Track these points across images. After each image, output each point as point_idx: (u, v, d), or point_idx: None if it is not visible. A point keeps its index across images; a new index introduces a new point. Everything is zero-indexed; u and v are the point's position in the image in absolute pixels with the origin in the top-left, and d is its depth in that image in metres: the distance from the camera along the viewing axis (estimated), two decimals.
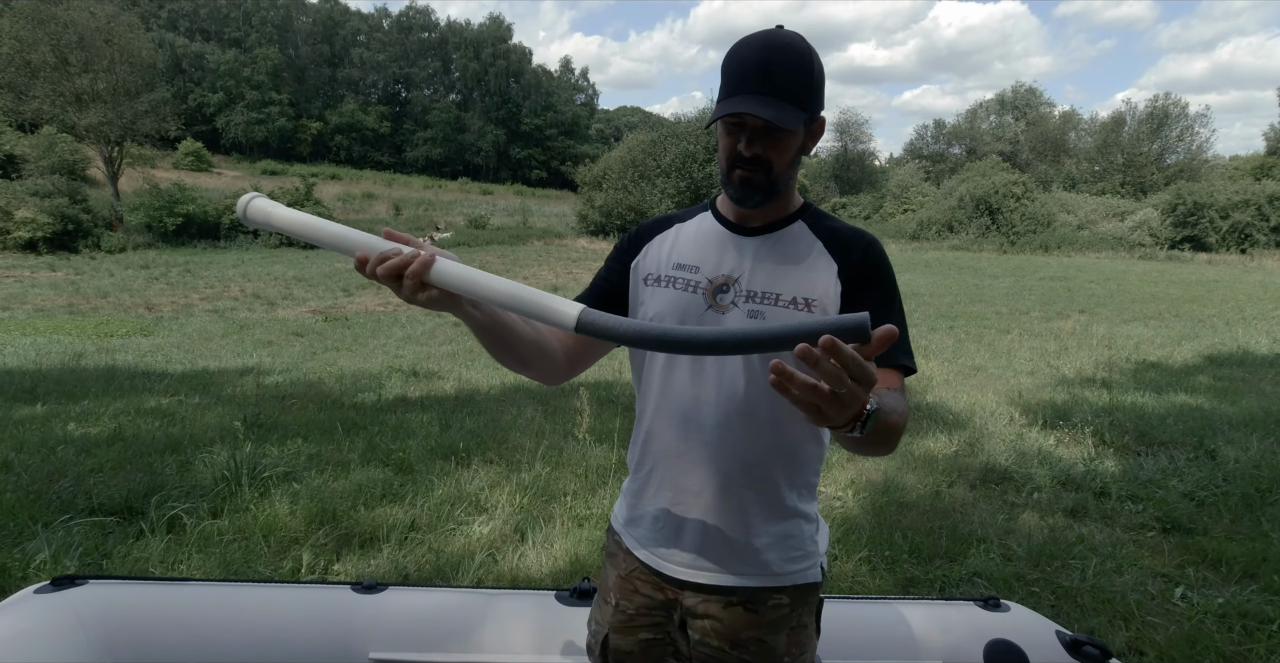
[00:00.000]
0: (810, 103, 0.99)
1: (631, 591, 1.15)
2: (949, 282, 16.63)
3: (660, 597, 1.13)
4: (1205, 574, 2.73)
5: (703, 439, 1.06)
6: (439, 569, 2.55)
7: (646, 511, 1.13)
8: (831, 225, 1.09)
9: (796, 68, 0.97)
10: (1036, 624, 1.78)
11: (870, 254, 1.06)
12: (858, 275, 1.04)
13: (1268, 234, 26.38)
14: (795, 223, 1.09)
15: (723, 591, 1.09)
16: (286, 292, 15.56)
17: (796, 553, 1.10)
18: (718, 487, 1.06)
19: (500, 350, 0.99)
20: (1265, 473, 3.74)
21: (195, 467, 3.46)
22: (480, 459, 3.82)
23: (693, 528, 1.08)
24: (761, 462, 1.06)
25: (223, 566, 2.46)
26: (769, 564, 1.08)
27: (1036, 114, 46.01)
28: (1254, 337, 9.01)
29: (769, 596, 1.09)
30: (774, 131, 0.98)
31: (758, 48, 0.97)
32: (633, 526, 1.16)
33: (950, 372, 6.66)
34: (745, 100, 0.95)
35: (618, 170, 30.54)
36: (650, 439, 1.12)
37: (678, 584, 1.11)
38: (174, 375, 6.36)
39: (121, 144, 29.01)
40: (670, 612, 1.13)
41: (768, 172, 1.01)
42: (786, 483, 1.08)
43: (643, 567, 1.14)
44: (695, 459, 1.07)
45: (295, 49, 56.81)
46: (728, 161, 1.03)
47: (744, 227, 1.09)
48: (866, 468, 3.86)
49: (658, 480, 1.11)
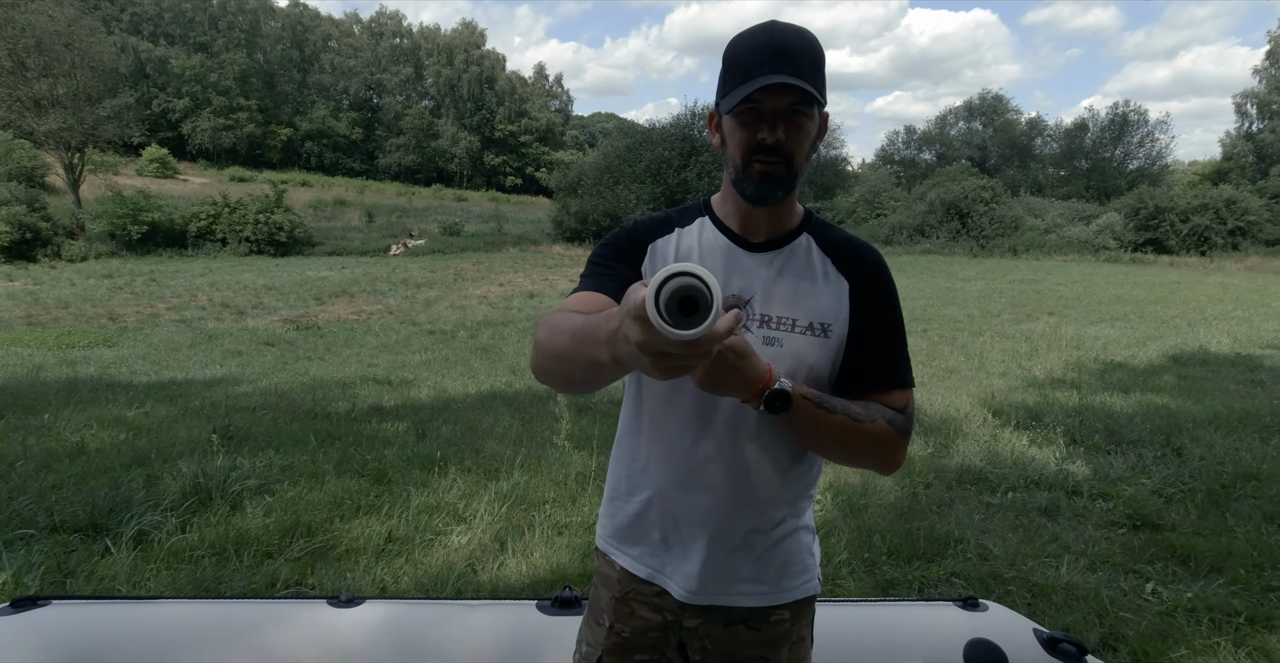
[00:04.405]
0: (823, 90, 0.95)
1: (628, 613, 1.11)
2: (922, 285, 16.88)
3: (659, 619, 1.10)
4: (1174, 570, 2.79)
5: (709, 468, 1.02)
6: (418, 581, 2.51)
7: (648, 535, 1.09)
8: (836, 238, 1.06)
9: (809, 51, 0.93)
10: (1015, 623, 1.80)
11: (878, 273, 1.05)
12: (866, 294, 1.03)
13: (1225, 237, 27.22)
14: (801, 236, 1.05)
15: (725, 611, 1.07)
16: (256, 300, 15.28)
17: (797, 568, 1.09)
18: (724, 513, 1.03)
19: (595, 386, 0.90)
20: (1229, 469, 3.84)
21: (163, 480, 3.37)
22: (458, 468, 3.77)
23: (696, 555, 1.05)
24: (767, 486, 1.04)
25: (194, 582, 2.39)
26: (773, 583, 1.07)
27: (1004, 120, 47.03)
28: (1214, 336, 9.27)
29: (771, 613, 1.08)
30: (797, 115, 0.93)
31: (766, 33, 0.93)
32: (629, 545, 1.11)
33: (925, 374, 6.75)
34: (772, 77, 0.90)
35: (593, 176, 30.54)
36: (649, 468, 1.07)
37: (679, 606, 1.08)
38: (139, 387, 6.20)
39: (83, 150, 28.27)
40: (668, 634, 1.10)
41: (789, 162, 0.95)
42: (789, 502, 1.07)
43: (640, 587, 1.10)
44: (701, 488, 1.03)
45: (264, 54, 55.94)
46: (745, 155, 0.95)
47: (749, 241, 1.04)
48: (845, 472, 3.88)
49: (659, 509, 1.07)
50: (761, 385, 0.89)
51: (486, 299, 15.56)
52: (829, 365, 1.02)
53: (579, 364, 0.81)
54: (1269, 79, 41.58)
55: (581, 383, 0.89)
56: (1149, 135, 41.63)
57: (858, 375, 1.02)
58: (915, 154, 48.44)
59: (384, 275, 19.53)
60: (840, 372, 1.03)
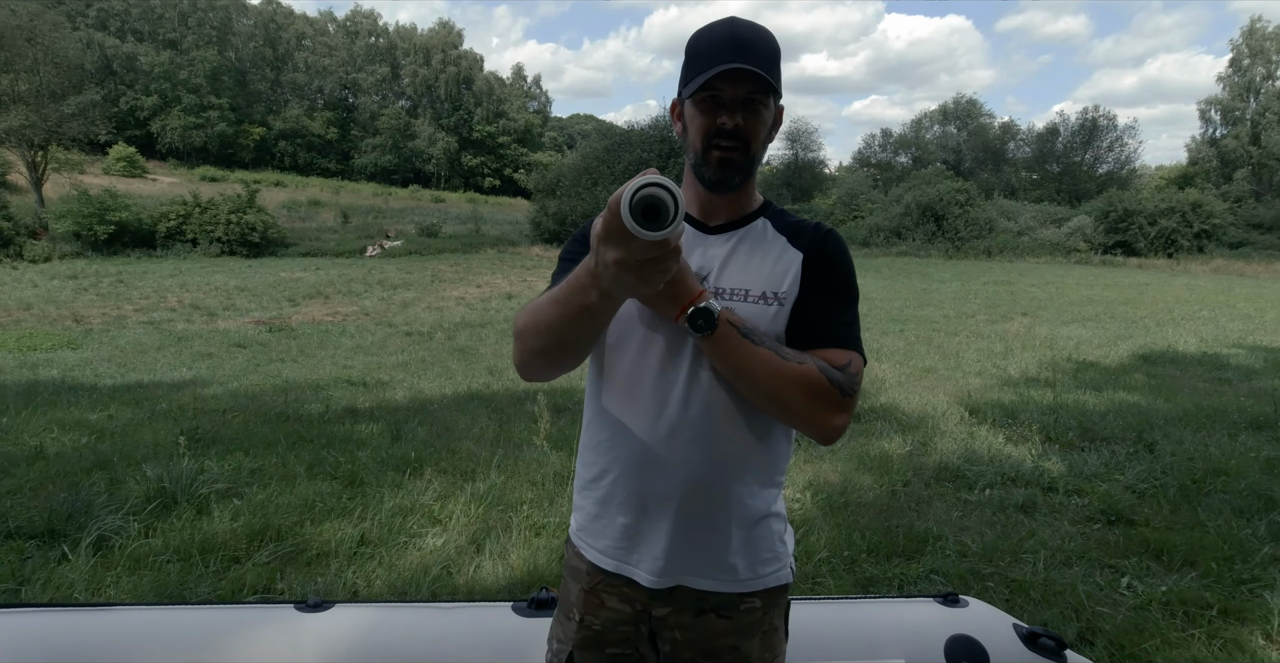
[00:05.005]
0: (779, 82, 1.00)
1: (598, 605, 1.10)
2: (898, 286, 17.05)
3: (628, 610, 1.08)
4: (1148, 564, 2.82)
5: (673, 442, 1.01)
6: (391, 585, 2.45)
7: (612, 520, 1.07)
8: (793, 220, 1.10)
9: (767, 45, 0.99)
10: (995, 619, 1.79)
11: (829, 243, 1.07)
12: (816, 262, 1.05)
13: (1191, 240, 27.83)
14: (758, 220, 1.08)
15: (694, 597, 1.06)
16: (228, 302, 14.98)
17: (768, 555, 1.08)
18: (688, 490, 1.02)
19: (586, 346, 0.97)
20: (1199, 465, 3.91)
21: (127, 484, 3.26)
22: (433, 469, 3.71)
23: (662, 534, 1.04)
24: (732, 461, 1.03)
25: (156, 588, 2.31)
26: (741, 568, 1.05)
27: (977, 124, 47.72)
28: (1182, 336, 9.46)
29: (742, 600, 1.06)
30: (754, 103, 0.98)
31: (727, 26, 0.99)
32: (596, 537, 1.10)
33: (902, 373, 6.80)
34: (734, 64, 0.95)
35: (571, 178, 30.42)
36: (614, 446, 1.06)
37: (648, 595, 1.07)
38: (104, 389, 6.03)
39: (46, 148, 27.54)
40: (639, 625, 1.09)
41: (746, 148, 1.00)
42: (757, 482, 1.06)
43: (609, 579, 1.09)
44: (664, 463, 1.02)
45: (235, 52, 54.98)
46: (704, 141, 1.00)
47: (708, 225, 1.07)
48: (824, 469, 3.88)
49: (624, 489, 1.06)
50: (689, 301, 0.92)
51: (464, 300, 15.41)
52: (781, 333, 1.03)
53: (570, 322, 0.88)
54: (1232, 86, 42.72)
55: (573, 348, 0.95)
56: (1118, 140, 42.53)
57: (800, 336, 1.03)
58: (891, 157, 48.96)
59: (360, 277, 19.26)
60: (787, 335, 1.04)
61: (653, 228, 0.71)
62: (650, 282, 0.77)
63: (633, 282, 0.76)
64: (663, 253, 0.74)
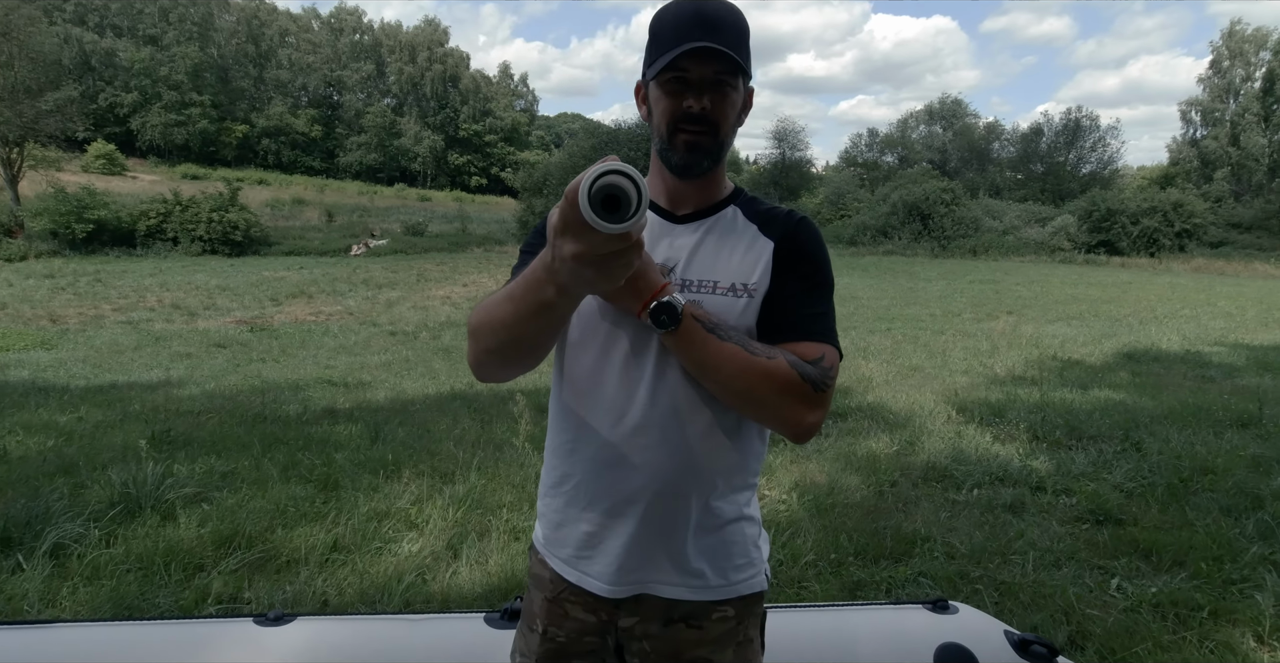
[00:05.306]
0: (748, 62, 0.95)
1: (561, 615, 1.04)
2: (885, 285, 17.08)
3: (593, 620, 1.03)
4: (1138, 564, 2.79)
5: (637, 443, 0.96)
6: (363, 593, 2.36)
7: (575, 529, 1.02)
8: (765, 208, 1.04)
9: (735, 23, 0.93)
10: (985, 625, 1.75)
11: (802, 231, 1.02)
12: (789, 254, 1.00)
13: (1173, 239, 28.11)
14: (728, 208, 1.03)
15: (662, 607, 1.00)
16: (209, 301, 14.75)
17: (741, 561, 1.03)
18: (654, 493, 0.97)
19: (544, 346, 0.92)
20: (1186, 463, 3.89)
21: (91, 489, 3.15)
22: (412, 471, 3.62)
23: (627, 540, 0.98)
24: (700, 462, 0.98)
25: (114, 600, 2.21)
26: (711, 574, 1.00)
27: (963, 124, 48.01)
28: (1165, 334, 9.52)
29: (713, 609, 1.01)
30: (722, 85, 0.92)
31: (691, 2, 0.93)
32: (558, 546, 1.05)
33: (889, 372, 6.77)
34: (700, 42, 0.89)
35: (558, 177, 30.28)
36: (576, 449, 1.01)
37: (613, 604, 1.01)
38: (75, 391, 5.88)
39: (22, 145, 27.01)
40: (605, 636, 1.04)
41: (715, 132, 0.95)
42: (727, 485, 1.00)
43: (573, 588, 1.04)
44: (629, 465, 0.97)
45: (217, 48, 54.26)
46: (670, 125, 0.95)
47: (675, 214, 1.02)
48: (811, 470, 3.83)
49: (587, 494, 1.01)
50: (652, 295, 0.88)
51: (450, 300, 15.26)
52: (751, 326, 0.98)
53: (526, 320, 0.82)
54: (1212, 88, 43.27)
55: (530, 348, 0.89)
56: (1100, 140, 42.91)
57: (772, 328, 0.98)
58: (878, 157, 49.17)
59: (344, 276, 19.04)
60: (758, 328, 0.99)
61: (613, 219, 0.64)
62: (611, 277, 0.71)
63: (592, 277, 0.70)
64: (625, 246, 0.68)
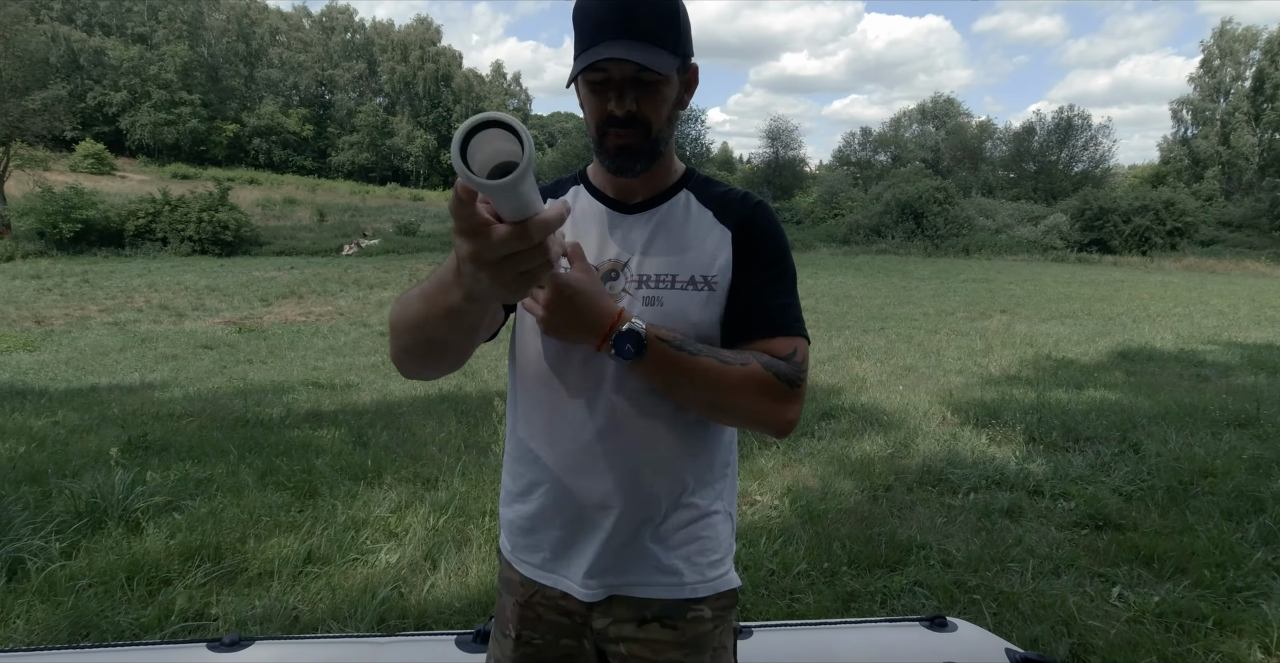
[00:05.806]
0: (680, 46, 0.89)
1: (534, 619, 1.01)
2: (878, 284, 17.02)
3: (567, 622, 1.00)
4: (1139, 572, 2.71)
5: (603, 447, 0.93)
6: (335, 609, 2.26)
7: (548, 534, 0.98)
8: (719, 192, 0.99)
9: (660, 7, 0.86)
10: (986, 643, 1.66)
11: (759, 216, 0.97)
12: (749, 242, 0.95)
13: (1164, 237, 28.18)
14: (680, 193, 0.98)
15: (636, 606, 0.97)
16: (197, 302, 14.57)
17: (714, 557, 0.99)
18: (623, 494, 0.94)
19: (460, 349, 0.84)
20: (1185, 465, 3.82)
21: (59, 499, 3.03)
22: (394, 477, 3.52)
23: (598, 542, 0.95)
24: (668, 457, 0.94)
25: (72, 618, 2.10)
26: (684, 571, 0.97)
27: (955, 123, 48.07)
28: (1159, 333, 9.48)
29: (687, 608, 0.98)
30: (647, 82, 0.86)
31: None
32: (528, 552, 1.01)
33: (883, 372, 6.70)
34: (609, 46, 0.83)
35: (551, 175, 30.22)
36: (540, 457, 0.97)
37: (585, 606, 0.98)
38: (54, 394, 5.75)
39: (8, 145, 26.71)
40: (581, 639, 1.01)
41: (646, 132, 0.89)
42: (697, 480, 0.97)
43: (544, 591, 1.01)
44: (596, 470, 0.94)
45: (207, 47, 53.86)
46: (598, 127, 0.90)
47: (625, 203, 0.97)
48: (804, 474, 3.74)
49: (554, 502, 0.97)
50: (609, 327, 0.82)
51: None
52: (714, 320, 0.93)
53: (436, 321, 0.75)
54: (1203, 87, 43.44)
55: (447, 350, 0.82)
56: (1092, 139, 42.97)
57: (740, 325, 0.93)
58: (871, 156, 49.15)
59: (335, 276, 18.86)
60: (723, 324, 0.94)
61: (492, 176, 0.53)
62: (508, 284, 0.60)
63: (488, 283, 0.60)
64: (524, 247, 0.57)
